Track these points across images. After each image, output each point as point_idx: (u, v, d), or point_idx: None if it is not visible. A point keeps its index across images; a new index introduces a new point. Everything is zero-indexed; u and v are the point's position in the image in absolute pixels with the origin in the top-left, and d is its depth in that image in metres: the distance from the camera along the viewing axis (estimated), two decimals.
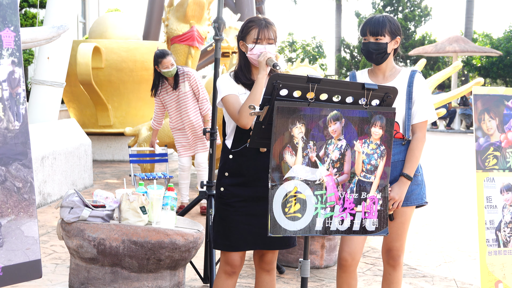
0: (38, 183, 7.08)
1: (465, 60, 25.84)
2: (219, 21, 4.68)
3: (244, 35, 3.16)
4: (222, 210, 3.19)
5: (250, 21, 3.19)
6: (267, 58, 3.06)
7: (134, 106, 11.28)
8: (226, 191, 3.17)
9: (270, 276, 3.30)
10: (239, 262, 3.20)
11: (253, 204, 3.14)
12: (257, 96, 3.04)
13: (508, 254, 3.75)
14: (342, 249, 3.34)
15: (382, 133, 2.81)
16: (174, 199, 3.95)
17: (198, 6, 8.17)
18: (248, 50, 3.14)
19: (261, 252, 3.27)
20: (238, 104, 3.10)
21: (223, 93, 3.14)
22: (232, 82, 3.18)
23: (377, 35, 3.29)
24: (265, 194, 3.11)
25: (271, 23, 3.17)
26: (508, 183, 3.78)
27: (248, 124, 3.06)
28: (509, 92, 3.84)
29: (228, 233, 3.15)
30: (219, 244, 3.20)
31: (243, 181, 3.15)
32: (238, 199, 3.15)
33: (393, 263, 3.43)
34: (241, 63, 3.21)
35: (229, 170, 3.17)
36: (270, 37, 3.13)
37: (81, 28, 17.38)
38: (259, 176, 3.13)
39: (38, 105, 8.27)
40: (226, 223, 3.16)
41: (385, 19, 3.33)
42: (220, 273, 3.22)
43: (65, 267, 4.85)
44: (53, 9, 8.23)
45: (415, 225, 6.83)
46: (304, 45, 33.01)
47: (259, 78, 3.06)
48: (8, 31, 3.05)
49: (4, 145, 3.00)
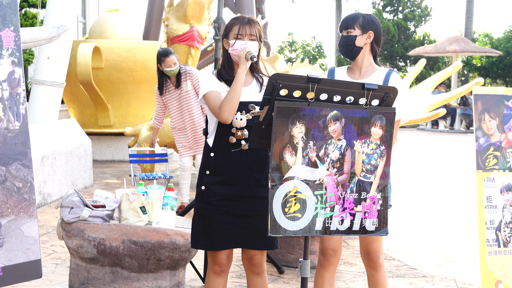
0: (38, 183, 7.08)
1: (465, 60, 25.84)
2: (219, 21, 4.69)
3: (227, 32, 3.17)
4: (203, 209, 3.15)
5: (233, 18, 3.20)
6: (246, 52, 3.06)
7: (134, 106, 11.29)
8: (207, 189, 3.14)
9: (261, 278, 3.26)
10: (227, 261, 3.19)
11: (235, 202, 3.12)
12: (237, 90, 3.03)
13: (508, 254, 3.75)
14: (324, 247, 3.34)
15: (382, 133, 2.81)
16: (174, 199, 3.95)
17: (198, 6, 8.17)
18: (230, 46, 3.14)
19: (249, 255, 3.23)
20: (219, 100, 3.08)
21: (205, 90, 3.12)
22: (214, 79, 3.16)
23: (347, 28, 3.29)
24: (246, 192, 3.10)
25: (254, 21, 3.17)
26: (508, 183, 3.78)
27: (229, 118, 3.04)
28: (509, 92, 3.84)
29: (209, 232, 3.12)
30: (199, 243, 3.17)
31: (225, 179, 3.12)
32: (219, 198, 3.12)
33: (373, 265, 3.41)
34: (224, 61, 3.20)
35: (210, 168, 3.14)
36: (252, 33, 3.13)
37: (81, 28, 17.38)
38: (240, 174, 3.11)
39: (38, 105, 8.28)
40: (207, 222, 3.13)
41: (360, 14, 3.32)
42: (210, 273, 3.21)
43: (65, 267, 4.85)
44: (53, 9, 8.24)
45: (415, 225, 6.83)
46: (304, 45, 33.02)
47: (239, 73, 3.06)
48: (8, 31, 3.05)
49: (4, 145, 3.00)
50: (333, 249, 3.33)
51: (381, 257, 3.41)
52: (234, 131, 3.11)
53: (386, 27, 27.64)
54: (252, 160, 3.11)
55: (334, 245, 3.34)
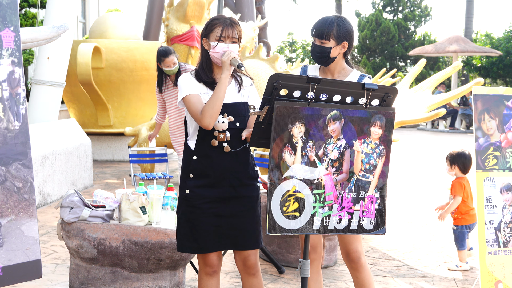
0: (38, 183, 7.08)
1: (465, 60, 25.84)
2: None
3: (208, 33, 3.12)
4: (188, 213, 3.13)
5: (214, 19, 3.15)
6: (231, 58, 3.02)
7: (134, 106, 11.29)
8: (191, 193, 3.12)
9: (257, 278, 3.25)
10: (217, 261, 3.19)
11: (220, 204, 3.11)
12: (220, 95, 3.00)
13: (508, 254, 3.75)
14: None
15: (382, 133, 2.81)
16: (174, 199, 3.96)
17: (198, 6, 8.18)
18: (211, 48, 3.10)
19: (243, 256, 3.21)
20: (200, 104, 3.05)
21: (184, 93, 3.08)
22: (193, 81, 3.13)
23: (322, 38, 3.20)
24: (231, 194, 3.10)
25: (236, 23, 3.13)
26: (508, 183, 3.78)
27: (210, 124, 3.01)
28: (509, 92, 3.84)
29: (196, 235, 3.12)
30: (186, 247, 3.16)
31: (209, 182, 3.11)
32: (204, 201, 3.11)
33: (355, 266, 3.38)
34: (202, 61, 3.16)
35: (194, 171, 3.12)
36: (234, 36, 3.10)
37: (81, 28, 17.39)
38: (224, 176, 3.10)
39: (38, 105, 8.28)
40: (194, 225, 3.12)
41: (334, 21, 3.20)
42: (202, 275, 3.22)
43: (65, 267, 4.85)
44: (53, 9, 8.24)
45: (415, 225, 6.83)
46: (304, 45, 33.01)
47: (222, 78, 3.02)
48: (8, 31, 3.05)
49: (4, 145, 3.00)
50: (312, 246, 3.33)
51: (362, 257, 3.37)
52: (216, 134, 3.08)
53: (386, 27, 27.65)
54: (234, 161, 3.11)
55: (312, 242, 3.34)
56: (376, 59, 28.46)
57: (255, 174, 3.20)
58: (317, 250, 3.36)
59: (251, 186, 3.17)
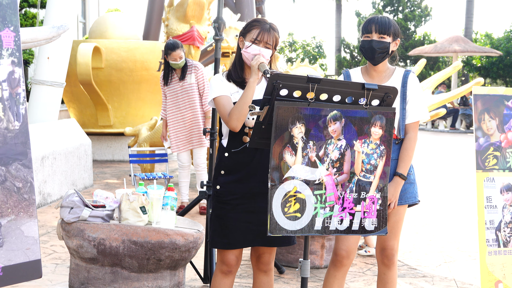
0: (38, 183, 7.08)
1: (465, 60, 25.84)
2: (219, 21, 4.68)
3: (245, 32, 3.18)
4: (219, 209, 3.18)
5: (255, 20, 3.20)
6: (259, 63, 3.06)
7: (134, 106, 11.29)
8: (222, 189, 3.17)
9: (268, 276, 3.29)
10: (235, 262, 3.20)
11: (250, 200, 3.13)
12: (247, 99, 3.05)
13: (508, 254, 3.75)
14: (338, 247, 3.35)
15: (382, 133, 2.81)
16: (174, 199, 3.95)
17: (198, 6, 8.17)
18: (244, 47, 3.15)
19: (258, 253, 3.26)
20: (229, 106, 3.11)
21: (215, 94, 3.15)
22: (224, 82, 3.18)
23: (384, 34, 3.28)
24: (261, 190, 3.11)
25: (275, 29, 3.18)
26: (508, 183, 3.78)
27: (237, 127, 3.07)
28: (509, 92, 3.84)
29: (226, 231, 3.15)
30: (217, 242, 3.19)
31: (239, 178, 3.15)
32: (234, 197, 3.14)
33: (387, 262, 3.43)
34: (236, 59, 3.22)
35: (225, 168, 3.17)
36: (268, 42, 3.14)
37: (81, 28, 17.39)
38: (254, 172, 3.12)
39: (38, 105, 8.28)
40: (224, 221, 3.15)
41: (390, 20, 3.33)
42: (217, 273, 3.23)
43: (65, 267, 4.85)
44: (53, 9, 8.24)
45: (415, 225, 6.83)
46: (304, 45, 33.02)
47: (250, 82, 3.07)
48: (8, 31, 3.05)
49: (4, 145, 3.00)
50: (347, 250, 3.34)
51: (396, 255, 3.42)
52: (247, 131, 3.13)
53: None
54: (264, 157, 3.12)
55: (349, 247, 3.34)
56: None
57: None
58: (351, 256, 3.37)
59: None
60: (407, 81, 3.34)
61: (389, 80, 3.36)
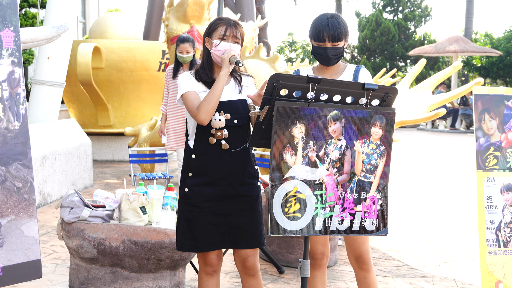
0: (38, 183, 7.08)
1: (465, 60, 25.84)
2: None
3: (211, 32, 3.16)
4: (187, 211, 3.14)
5: (218, 19, 3.19)
6: (230, 55, 3.05)
7: (134, 106, 11.29)
8: (190, 191, 3.13)
9: (256, 279, 3.24)
10: (217, 261, 3.19)
11: (219, 203, 3.11)
12: (217, 92, 3.03)
13: (508, 254, 3.75)
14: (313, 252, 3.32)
15: (382, 133, 2.81)
16: (174, 199, 3.95)
17: (198, 6, 8.17)
18: (213, 46, 3.12)
19: (242, 257, 3.21)
20: (197, 101, 3.07)
21: (183, 90, 3.12)
22: (192, 79, 3.16)
23: (338, 41, 3.16)
24: (230, 192, 3.10)
25: (239, 24, 3.17)
26: (508, 183, 3.78)
27: (206, 120, 3.03)
28: (509, 92, 3.84)
29: (195, 234, 3.12)
30: (185, 245, 3.16)
31: (208, 180, 3.11)
32: (203, 199, 3.11)
33: (366, 267, 3.36)
34: (204, 60, 3.19)
35: (193, 170, 3.14)
36: (236, 36, 3.13)
37: (81, 28, 17.39)
38: (223, 174, 3.10)
39: (38, 105, 8.28)
40: (193, 224, 3.12)
41: (339, 21, 3.18)
42: (202, 275, 3.22)
43: (65, 267, 4.85)
44: (53, 9, 8.24)
45: (415, 225, 6.83)
46: (304, 45, 33.01)
47: (221, 75, 3.05)
48: (8, 31, 3.05)
49: (4, 145, 3.00)
50: (321, 253, 3.34)
51: (370, 257, 3.40)
52: (213, 132, 3.09)
53: (386, 27, 27.65)
54: (233, 159, 3.11)
55: (322, 249, 3.34)
56: (376, 59, 28.46)
57: (255, 173, 3.20)
58: (326, 254, 3.36)
59: (251, 185, 3.16)
60: (358, 76, 3.26)
61: (341, 76, 3.27)
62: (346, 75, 3.28)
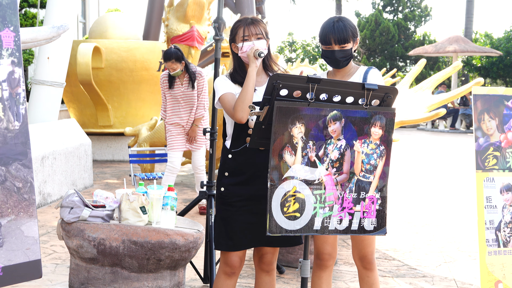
0: (38, 183, 7.08)
1: (465, 60, 25.84)
2: (219, 21, 4.68)
3: (234, 37, 3.19)
4: (223, 211, 3.18)
5: (236, 22, 3.22)
6: (254, 49, 3.08)
7: (134, 106, 11.29)
8: (226, 190, 3.17)
9: (270, 276, 3.30)
10: (239, 263, 3.20)
11: (255, 202, 3.13)
12: (249, 88, 3.05)
13: (508, 254, 3.75)
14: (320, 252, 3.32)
15: (382, 133, 2.81)
16: (174, 199, 3.95)
17: (198, 6, 8.17)
18: (239, 50, 3.16)
19: (261, 253, 3.26)
20: (234, 101, 3.11)
21: (220, 92, 3.16)
22: (228, 82, 3.19)
23: (344, 43, 3.18)
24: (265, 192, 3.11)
25: (258, 20, 3.19)
26: (508, 183, 3.78)
27: (243, 118, 3.05)
28: (509, 92, 3.84)
29: (231, 233, 3.15)
30: (222, 244, 3.19)
31: (243, 180, 3.15)
32: (239, 198, 3.15)
33: (370, 267, 3.38)
34: (235, 65, 3.23)
35: (229, 169, 3.18)
36: (257, 32, 3.15)
37: (81, 28, 17.39)
38: (259, 174, 3.12)
39: (38, 105, 8.28)
40: (228, 223, 3.15)
41: (346, 24, 3.20)
42: (220, 274, 3.23)
43: (65, 267, 4.85)
44: (53, 9, 8.24)
45: (415, 225, 6.83)
46: (304, 45, 33.00)
47: (249, 71, 3.08)
48: (8, 31, 3.05)
49: (4, 145, 3.00)
50: (329, 254, 3.33)
51: (374, 257, 3.42)
52: (250, 132, 3.12)
53: (386, 27, 27.64)
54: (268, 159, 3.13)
55: (330, 250, 3.33)
56: (376, 59, 28.44)
57: None
58: (333, 255, 3.36)
59: None
60: (367, 77, 3.27)
61: (352, 78, 3.28)
62: (357, 76, 3.31)
